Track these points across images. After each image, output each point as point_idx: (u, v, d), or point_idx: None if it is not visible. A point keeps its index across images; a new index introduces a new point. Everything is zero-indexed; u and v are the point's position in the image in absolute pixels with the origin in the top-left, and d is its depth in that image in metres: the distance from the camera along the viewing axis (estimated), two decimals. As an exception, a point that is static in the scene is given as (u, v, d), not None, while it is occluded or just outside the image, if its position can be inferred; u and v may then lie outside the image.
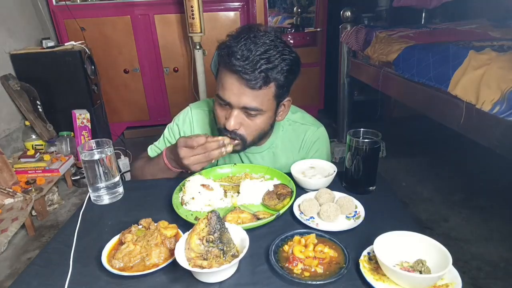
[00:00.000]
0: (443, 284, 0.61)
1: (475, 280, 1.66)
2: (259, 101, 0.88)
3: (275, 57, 0.85)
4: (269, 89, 0.88)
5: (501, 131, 1.27)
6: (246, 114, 0.91)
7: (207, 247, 0.65)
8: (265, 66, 0.83)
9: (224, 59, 0.85)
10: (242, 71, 0.83)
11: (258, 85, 0.85)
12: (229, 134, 0.93)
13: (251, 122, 0.93)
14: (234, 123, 0.91)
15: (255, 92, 0.86)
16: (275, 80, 0.87)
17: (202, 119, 1.14)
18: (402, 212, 0.87)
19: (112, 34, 3.22)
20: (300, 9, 4.00)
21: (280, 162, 1.12)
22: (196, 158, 0.90)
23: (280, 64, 0.86)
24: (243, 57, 0.82)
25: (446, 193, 2.39)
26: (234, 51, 0.83)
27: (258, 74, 0.83)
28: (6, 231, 1.82)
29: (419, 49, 1.82)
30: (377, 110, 3.23)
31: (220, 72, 0.90)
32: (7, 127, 2.51)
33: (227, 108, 0.92)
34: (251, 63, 0.82)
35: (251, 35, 0.85)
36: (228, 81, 0.87)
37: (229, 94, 0.88)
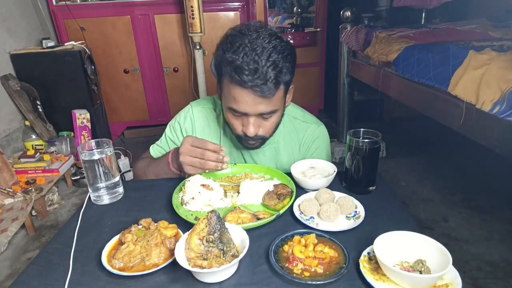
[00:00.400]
0: (443, 284, 0.61)
1: (475, 280, 1.66)
2: (273, 104, 0.90)
3: (278, 59, 0.84)
4: (280, 91, 0.90)
5: (501, 131, 1.27)
6: (262, 117, 0.93)
7: (207, 247, 0.65)
8: (274, 73, 0.84)
9: (232, 75, 0.84)
10: (254, 85, 0.83)
11: (272, 94, 0.86)
12: (250, 140, 0.96)
13: (268, 122, 0.95)
14: (254, 129, 0.93)
15: (269, 99, 0.88)
16: (283, 81, 0.89)
17: (203, 117, 1.14)
18: (402, 212, 0.87)
19: (112, 34, 3.22)
20: (300, 9, 4.00)
21: (281, 158, 1.13)
22: (192, 160, 0.91)
23: (284, 65, 0.86)
24: (251, 71, 0.82)
25: (446, 193, 2.39)
26: (240, 67, 0.82)
27: (270, 84, 0.84)
28: (6, 231, 1.82)
29: (419, 49, 1.82)
30: (377, 110, 3.23)
31: (228, 85, 0.89)
32: (7, 127, 2.51)
33: (242, 116, 0.93)
34: (261, 75, 0.82)
35: (246, 42, 0.84)
36: (241, 95, 0.86)
37: (244, 106, 0.88)
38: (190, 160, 0.91)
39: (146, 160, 1.14)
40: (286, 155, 1.13)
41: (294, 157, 1.13)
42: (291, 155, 1.13)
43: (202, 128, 1.13)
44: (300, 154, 1.14)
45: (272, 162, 1.13)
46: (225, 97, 0.93)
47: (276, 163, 1.14)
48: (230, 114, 0.95)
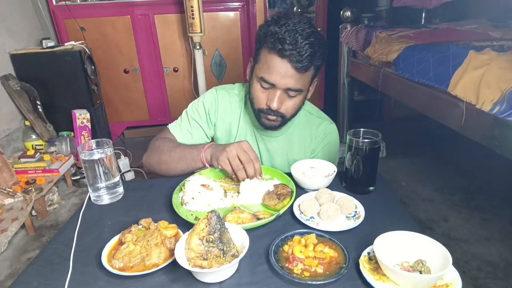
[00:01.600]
0: (443, 284, 0.61)
1: (475, 280, 1.66)
2: (301, 83, 0.96)
3: (315, 42, 0.92)
4: (310, 72, 0.96)
5: (501, 131, 1.27)
6: (287, 94, 0.98)
7: (207, 247, 0.65)
8: (310, 51, 0.91)
9: (274, 44, 0.91)
10: (292, 55, 0.90)
11: (304, 69, 0.92)
12: (272, 113, 0.99)
13: (291, 101, 0.99)
14: (278, 103, 0.97)
15: (300, 74, 0.93)
16: (315, 64, 0.95)
17: (226, 100, 1.16)
18: (402, 212, 0.87)
19: (112, 34, 3.22)
20: (300, 9, 3.99)
21: (293, 149, 1.16)
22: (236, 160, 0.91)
23: (319, 50, 0.93)
24: (292, 43, 0.89)
25: (446, 193, 2.39)
26: (283, 38, 0.89)
27: (305, 59, 0.91)
28: (6, 231, 1.82)
29: (419, 49, 1.82)
30: (377, 110, 3.23)
31: (264, 55, 0.95)
32: (7, 127, 2.51)
33: (269, 90, 0.98)
34: (299, 49, 0.89)
35: (289, 22, 0.91)
36: (276, 65, 0.92)
37: (276, 77, 0.94)
38: (233, 156, 0.92)
39: (173, 142, 1.12)
40: (298, 146, 1.16)
41: (305, 149, 1.16)
42: (302, 147, 1.16)
43: (224, 110, 1.15)
44: (310, 147, 1.17)
45: (284, 152, 1.16)
46: (259, 68, 0.98)
47: (287, 154, 1.16)
48: (258, 86, 0.99)
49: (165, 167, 1.07)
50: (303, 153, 1.16)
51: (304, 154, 1.16)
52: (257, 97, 1.01)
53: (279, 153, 1.15)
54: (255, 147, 1.16)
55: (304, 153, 1.16)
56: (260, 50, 0.97)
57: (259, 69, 0.97)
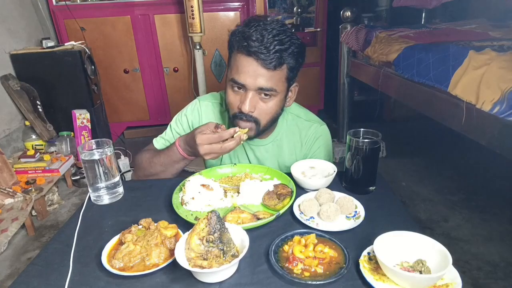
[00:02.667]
0: (443, 284, 0.61)
1: (475, 280, 1.66)
2: (273, 81, 0.92)
3: (286, 40, 0.89)
4: (282, 71, 0.92)
5: (501, 131, 1.27)
6: (260, 97, 0.94)
7: (207, 247, 0.65)
8: (279, 47, 0.88)
9: (240, 42, 0.89)
10: (258, 51, 0.87)
11: (272, 64, 0.89)
12: (244, 117, 0.96)
13: (265, 105, 0.96)
14: (250, 106, 0.93)
15: (270, 72, 0.90)
16: (287, 62, 0.91)
17: (210, 111, 1.15)
18: (402, 212, 0.87)
19: (112, 34, 3.22)
20: (300, 9, 3.99)
21: (284, 156, 1.13)
22: (212, 147, 0.90)
23: (291, 47, 0.90)
24: (258, 39, 0.87)
25: (446, 193, 2.39)
26: (249, 35, 0.88)
27: (273, 55, 0.88)
28: (6, 231, 1.82)
29: (419, 49, 1.82)
30: (377, 110, 3.23)
31: (234, 57, 0.94)
32: (7, 127, 2.51)
33: (241, 92, 0.95)
34: (266, 44, 0.87)
35: (260, 23, 0.90)
36: (244, 63, 0.90)
37: (245, 77, 0.91)
38: (210, 148, 0.90)
39: (150, 152, 1.12)
40: (288, 153, 1.13)
41: (296, 155, 1.13)
42: (293, 153, 1.14)
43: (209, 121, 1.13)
44: (302, 152, 1.14)
45: (274, 158, 1.14)
46: (229, 72, 0.96)
47: (278, 160, 1.14)
48: (230, 89, 0.96)
49: (156, 177, 1.09)
50: (294, 158, 1.12)
51: (296, 159, 1.12)
52: (230, 101, 0.97)
53: (269, 161, 1.13)
54: (244, 156, 1.14)
55: (295, 159, 1.12)
56: (231, 54, 0.96)
57: (229, 72, 0.95)
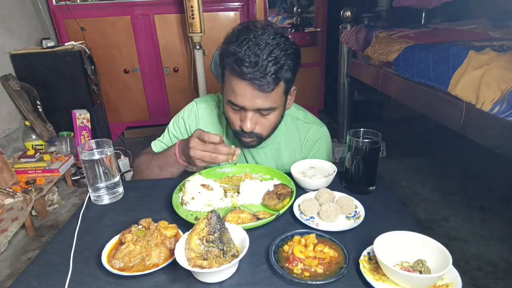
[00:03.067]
0: (443, 284, 0.61)
1: (475, 280, 1.66)
2: (271, 100, 0.90)
3: (280, 56, 0.85)
4: (280, 88, 0.90)
5: (501, 131, 1.27)
6: (259, 114, 0.94)
7: (207, 247, 0.65)
8: (274, 68, 0.84)
9: (233, 67, 0.85)
10: (253, 77, 0.84)
11: (270, 88, 0.86)
12: (247, 135, 0.96)
13: (266, 120, 0.95)
14: (251, 125, 0.93)
15: (267, 94, 0.88)
16: (283, 78, 0.88)
17: (207, 113, 1.14)
18: (402, 212, 0.87)
19: (112, 34, 3.22)
20: (300, 9, 4.00)
21: (282, 158, 1.13)
22: (203, 154, 0.90)
23: (286, 62, 0.87)
24: (252, 63, 0.83)
25: (446, 193, 2.39)
26: (241, 59, 0.83)
27: (269, 78, 0.84)
28: (6, 231, 1.82)
29: (419, 49, 1.82)
30: (377, 110, 3.23)
31: (229, 78, 0.90)
32: (7, 127, 2.51)
33: (241, 111, 0.93)
34: (261, 68, 0.83)
35: (251, 37, 0.85)
36: (240, 87, 0.87)
37: (243, 100, 0.89)
38: (201, 155, 0.90)
39: (148, 155, 1.13)
40: (287, 156, 1.13)
41: (296, 158, 1.12)
42: (292, 156, 1.13)
43: (206, 125, 1.13)
44: (301, 154, 1.13)
45: (273, 162, 1.13)
46: (225, 90, 0.94)
47: (277, 163, 1.14)
48: (229, 107, 0.95)
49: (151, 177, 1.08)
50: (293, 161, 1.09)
51: (298, 156, 1.13)
52: (230, 118, 0.97)
53: (268, 164, 1.12)
54: (242, 159, 1.14)
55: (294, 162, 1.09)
56: (224, 72, 0.92)
57: (226, 92, 0.93)
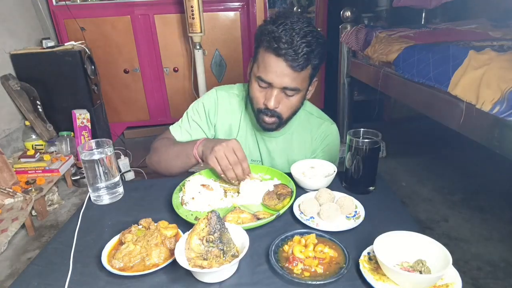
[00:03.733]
0: (443, 284, 0.61)
1: (475, 280, 1.66)
2: (298, 81, 0.95)
3: (313, 41, 0.92)
4: (307, 71, 0.96)
5: (501, 131, 1.27)
6: (284, 94, 0.98)
7: (207, 247, 0.65)
8: (306, 49, 0.91)
9: (269, 43, 0.92)
10: (287, 54, 0.90)
11: (299, 67, 0.92)
12: (269, 113, 1.00)
13: (288, 101, 0.99)
14: (275, 102, 0.97)
15: (296, 74, 0.93)
16: (312, 62, 0.95)
17: (227, 101, 1.16)
18: (402, 212, 0.87)
19: (112, 34, 3.22)
20: (300, 9, 3.99)
21: (293, 149, 1.16)
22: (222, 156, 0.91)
23: (317, 48, 0.93)
24: (288, 41, 0.90)
25: (446, 193, 2.39)
26: (279, 36, 0.90)
27: (301, 58, 0.91)
28: (6, 231, 1.82)
29: (419, 49, 1.82)
30: (377, 110, 3.23)
31: (262, 54, 0.96)
32: (7, 127, 2.51)
33: (267, 89, 0.98)
34: (295, 47, 0.90)
35: (288, 21, 0.92)
36: (272, 63, 0.93)
37: (272, 76, 0.94)
38: (221, 156, 0.91)
39: (169, 140, 1.13)
40: (298, 147, 1.16)
41: (306, 150, 1.16)
42: (303, 148, 1.16)
43: (225, 111, 1.15)
44: (311, 147, 1.17)
45: (284, 152, 1.16)
46: (256, 68, 0.99)
47: (287, 153, 1.16)
48: (256, 85, 0.99)
49: (164, 165, 1.09)
50: (303, 153, 1.16)
51: (305, 154, 1.16)
52: (256, 96, 1.01)
53: (279, 154, 1.16)
54: (255, 147, 1.16)
55: (304, 154, 1.16)
56: (258, 49, 0.98)
57: (257, 68, 0.98)
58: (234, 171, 0.92)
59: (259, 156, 1.17)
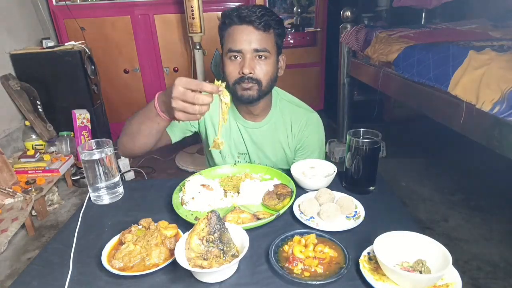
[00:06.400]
0: (443, 284, 0.61)
1: (475, 280, 1.66)
2: (265, 42, 1.01)
3: (268, 10, 1.03)
4: (270, 34, 1.03)
5: (501, 131, 1.27)
6: (256, 60, 1.02)
7: (207, 247, 0.65)
8: (264, 12, 1.01)
9: (231, 15, 1.01)
10: (248, 16, 0.99)
11: (262, 25, 1.00)
12: (246, 80, 1.02)
13: (262, 66, 1.03)
14: (249, 67, 1.01)
15: (261, 34, 1.01)
16: (273, 27, 1.03)
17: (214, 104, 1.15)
18: (402, 212, 0.87)
19: (112, 34, 3.22)
20: (300, 9, 3.99)
21: (279, 137, 1.17)
22: (184, 105, 0.80)
23: (273, 15, 1.02)
24: (246, 9, 1.01)
25: (446, 193, 2.39)
26: (238, 9, 1.01)
27: (261, 17, 1.00)
28: (6, 231, 1.82)
29: (419, 49, 1.82)
30: (377, 110, 3.23)
31: (228, 32, 1.04)
32: (7, 127, 2.51)
33: (239, 60, 1.02)
34: (254, 10, 1.00)
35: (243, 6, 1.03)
36: (238, 32, 1.01)
37: (241, 42, 1.00)
38: (182, 105, 0.80)
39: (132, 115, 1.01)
40: (282, 134, 1.18)
41: (288, 138, 1.18)
42: (287, 136, 1.18)
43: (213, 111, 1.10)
44: (294, 137, 1.19)
45: (270, 140, 1.17)
46: (225, 46, 1.05)
47: (273, 141, 1.17)
48: (228, 61, 1.04)
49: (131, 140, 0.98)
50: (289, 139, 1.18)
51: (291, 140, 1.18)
52: (230, 71, 1.04)
53: (265, 143, 1.17)
54: (240, 140, 1.18)
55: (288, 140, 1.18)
56: (223, 33, 1.06)
57: (226, 46, 1.04)
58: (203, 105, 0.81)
59: (245, 149, 1.18)
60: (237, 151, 1.18)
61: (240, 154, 1.19)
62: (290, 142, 1.18)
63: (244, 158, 1.19)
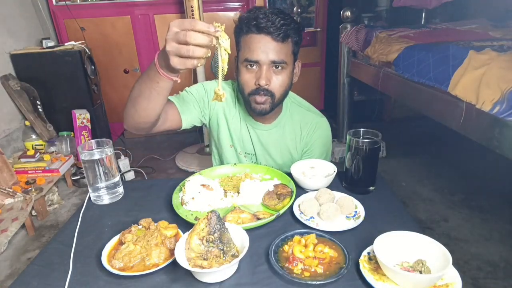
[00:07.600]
0: (443, 284, 0.61)
1: (475, 280, 1.66)
2: (283, 54, 1.00)
3: (286, 17, 0.99)
4: (288, 44, 1.01)
5: (501, 131, 1.27)
6: (273, 70, 1.01)
7: (207, 247, 0.65)
8: (283, 22, 0.97)
9: (249, 23, 0.98)
10: (267, 27, 0.96)
11: (280, 37, 0.97)
12: (261, 92, 1.01)
13: (278, 77, 1.02)
14: (266, 79, 0.99)
15: (279, 45, 0.98)
16: (291, 36, 1.00)
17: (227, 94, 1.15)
18: (402, 212, 0.87)
19: (112, 34, 3.22)
20: (300, 9, 3.99)
21: (286, 140, 1.17)
22: (178, 47, 0.73)
23: (291, 23, 0.99)
24: (265, 17, 0.97)
25: (446, 193, 2.39)
26: (256, 16, 0.97)
27: (280, 28, 0.97)
28: (6, 231, 1.82)
29: (419, 49, 1.82)
30: (377, 110, 3.23)
31: (244, 39, 1.01)
32: (7, 127, 2.51)
33: (255, 69, 1.01)
34: (272, 20, 0.97)
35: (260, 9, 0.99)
36: (255, 41, 0.98)
37: (258, 52, 0.98)
38: (176, 47, 0.72)
39: None
40: (290, 137, 1.17)
41: (296, 142, 1.18)
42: (294, 138, 1.18)
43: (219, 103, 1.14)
44: (304, 140, 1.18)
45: (277, 143, 1.17)
46: (241, 54, 1.03)
47: (280, 144, 1.17)
48: (244, 70, 1.02)
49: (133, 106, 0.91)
50: (296, 145, 1.18)
51: (298, 146, 1.18)
52: (245, 81, 1.03)
53: (272, 145, 1.17)
54: (248, 140, 1.17)
55: (297, 146, 1.18)
56: (239, 39, 1.03)
57: (242, 54, 1.02)
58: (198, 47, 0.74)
59: (253, 149, 1.18)
60: (245, 150, 1.18)
61: (247, 154, 1.19)
62: (298, 146, 1.18)
63: (251, 158, 1.19)
